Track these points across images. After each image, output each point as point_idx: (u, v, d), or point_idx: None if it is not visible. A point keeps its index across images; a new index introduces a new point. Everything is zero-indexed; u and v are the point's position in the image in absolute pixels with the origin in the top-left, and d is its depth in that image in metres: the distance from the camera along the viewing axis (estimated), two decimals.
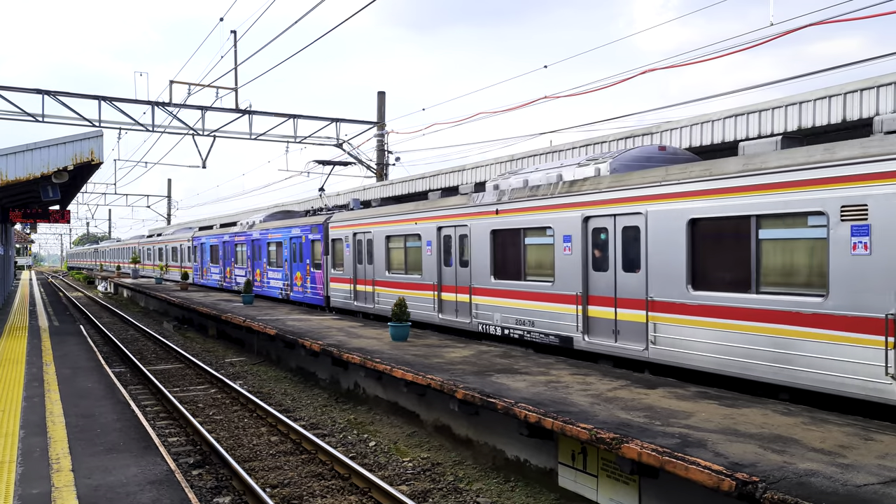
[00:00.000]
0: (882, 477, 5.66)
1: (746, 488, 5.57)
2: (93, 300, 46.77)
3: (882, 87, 10.89)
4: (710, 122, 13.69)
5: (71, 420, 9.22)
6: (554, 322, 12.10)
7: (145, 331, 26.52)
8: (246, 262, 29.15)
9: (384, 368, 11.39)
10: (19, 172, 14.22)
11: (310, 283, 22.64)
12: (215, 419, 12.75)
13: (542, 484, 8.86)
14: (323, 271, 21.63)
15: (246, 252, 28.98)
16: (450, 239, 15.15)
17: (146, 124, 25.88)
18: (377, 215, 18.47)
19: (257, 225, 27.91)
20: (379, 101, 28.86)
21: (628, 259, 10.63)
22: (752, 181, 8.79)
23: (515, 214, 13.11)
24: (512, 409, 8.32)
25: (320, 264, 21.76)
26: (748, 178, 8.83)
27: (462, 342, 13.97)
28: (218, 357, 20.41)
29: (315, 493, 8.75)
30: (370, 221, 18.72)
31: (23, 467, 7.22)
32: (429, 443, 10.95)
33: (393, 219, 17.57)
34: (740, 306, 8.95)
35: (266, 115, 27.31)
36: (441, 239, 15.45)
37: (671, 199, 9.88)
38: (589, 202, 11.35)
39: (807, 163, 8.23)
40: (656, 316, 10.11)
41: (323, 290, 21.69)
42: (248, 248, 28.71)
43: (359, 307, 19.50)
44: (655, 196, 10.11)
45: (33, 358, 14.58)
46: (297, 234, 23.28)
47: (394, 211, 17.69)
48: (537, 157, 17.89)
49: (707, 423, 7.39)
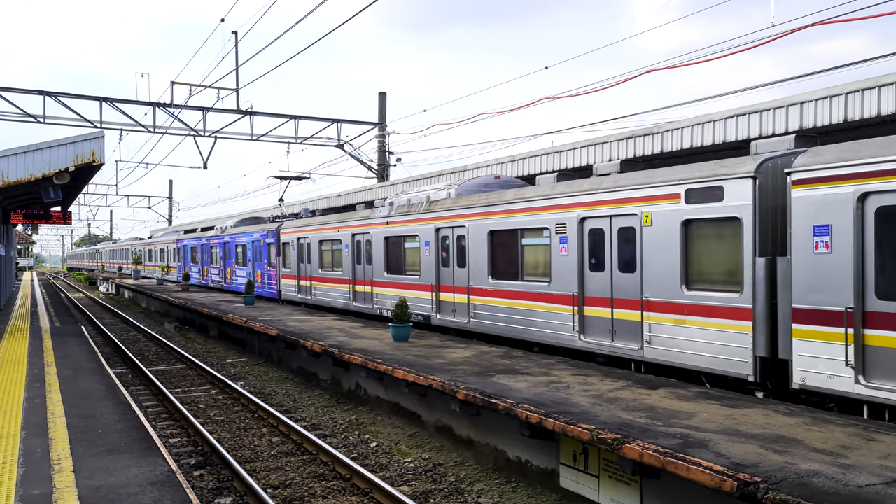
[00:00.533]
0: (884, 477, 5.65)
1: (748, 489, 5.56)
2: (94, 301, 46.82)
3: (884, 87, 10.87)
4: (712, 123, 13.68)
5: (72, 421, 9.23)
6: (419, 305, 16.32)
7: (146, 332, 26.54)
8: (219, 262, 33.18)
9: (385, 369, 11.39)
10: (21, 173, 14.24)
11: (267, 279, 26.72)
12: (216, 420, 12.75)
13: (543, 484, 8.85)
14: (277, 269, 25.80)
15: (219, 253, 33.21)
16: (359, 243, 19.44)
17: (147, 125, 25.91)
18: (314, 224, 22.66)
19: (228, 230, 31.97)
20: (380, 102, 28.87)
21: (461, 257, 15.03)
22: (517, 206, 13.30)
23: (398, 225, 17.50)
24: (513, 409, 8.32)
25: (275, 264, 25.96)
26: (516, 205, 13.34)
27: (463, 343, 13.98)
28: (219, 358, 20.42)
29: (316, 493, 8.75)
30: (309, 229, 22.93)
31: (24, 468, 7.22)
32: (430, 443, 10.94)
33: (324, 227, 21.73)
34: (513, 290, 13.36)
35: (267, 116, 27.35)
36: (355, 242, 19.72)
37: (480, 217, 14.33)
38: (439, 217, 15.73)
39: (542, 195, 12.57)
40: (475, 299, 14.54)
41: (276, 286, 25.81)
42: (220, 249, 32.95)
43: (301, 299, 23.72)
44: (472, 214, 14.59)
45: (35, 359, 14.59)
46: (258, 238, 27.58)
47: (325, 220, 21.90)
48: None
49: (709, 424, 7.38)
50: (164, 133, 26.76)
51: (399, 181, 26.02)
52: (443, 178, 21.92)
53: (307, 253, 22.92)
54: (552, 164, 17.77)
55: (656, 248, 10.25)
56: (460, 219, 14.88)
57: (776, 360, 8.78)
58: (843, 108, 11.39)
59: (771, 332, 8.79)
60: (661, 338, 10.14)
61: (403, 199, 17.78)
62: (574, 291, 11.68)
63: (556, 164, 17.76)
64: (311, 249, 22.51)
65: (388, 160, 28.48)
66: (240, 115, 26.25)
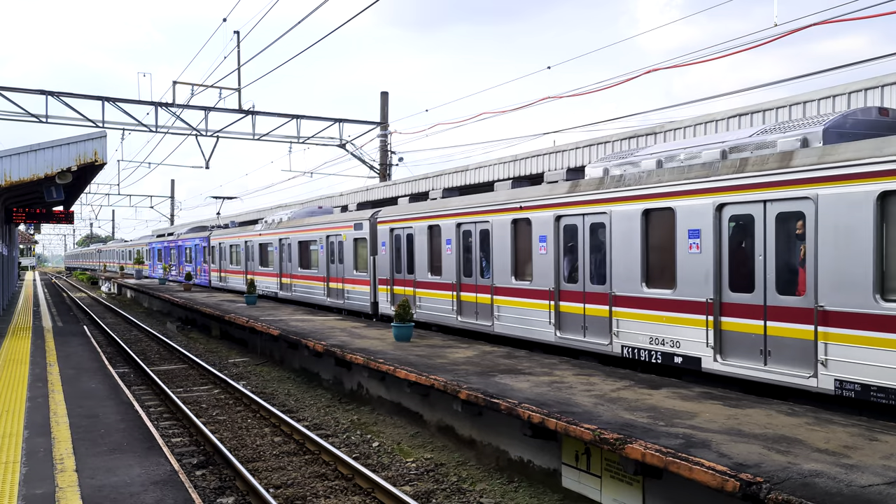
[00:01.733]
0: (887, 478, 5.64)
1: (751, 489, 5.56)
2: (96, 301, 46.86)
3: (886, 87, 10.86)
4: (714, 122, 13.67)
5: (75, 420, 9.24)
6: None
7: (149, 331, 26.56)
8: (174, 260, 43.50)
9: (387, 369, 11.39)
10: (23, 173, 14.25)
11: (203, 274, 36.70)
12: (219, 420, 12.75)
13: (545, 484, 8.84)
14: (209, 266, 35.59)
15: (175, 253, 43.46)
16: (251, 246, 28.73)
17: (150, 125, 25.93)
18: (229, 232, 32.36)
19: (182, 235, 42.53)
20: (382, 102, 28.86)
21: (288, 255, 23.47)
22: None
23: (264, 236, 26.95)
24: (515, 409, 8.32)
25: (208, 261, 35.72)
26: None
27: (465, 343, 13.97)
28: (221, 357, 20.43)
29: (318, 493, 8.75)
30: (227, 235, 32.34)
31: (27, 467, 7.23)
32: (432, 443, 10.94)
33: (234, 234, 31.44)
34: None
35: (269, 116, 27.36)
36: (247, 246, 29.18)
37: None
38: (279, 232, 25.47)
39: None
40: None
41: (208, 278, 35.61)
42: (176, 250, 43.05)
43: (221, 286, 33.46)
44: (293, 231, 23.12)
45: (37, 358, 14.61)
46: (198, 242, 37.72)
47: (234, 231, 31.81)
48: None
49: (711, 424, 7.37)
50: (167, 133, 26.77)
51: (401, 181, 26.02)
52: (353, 195, 29.97)
53: (223, 253, 33.00)
54: (554, 164, 17.77)
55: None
56: (287, 233, 24.49)
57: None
58: (845, 108, 11.36)
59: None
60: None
61: (269, 218, 27.51)
62: (324, 274, 18.45)
63: (557, 164, 17.76)
64: (230, 251, 31.99)
65: (391, 160, 28.47)
66: (242, 114, 26.26)
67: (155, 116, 25.75)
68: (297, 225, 23.47)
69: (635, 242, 10.47)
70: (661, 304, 10.05)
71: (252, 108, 26.26)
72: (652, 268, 10.35)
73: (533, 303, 12.56)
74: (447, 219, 15.04)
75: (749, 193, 8.84)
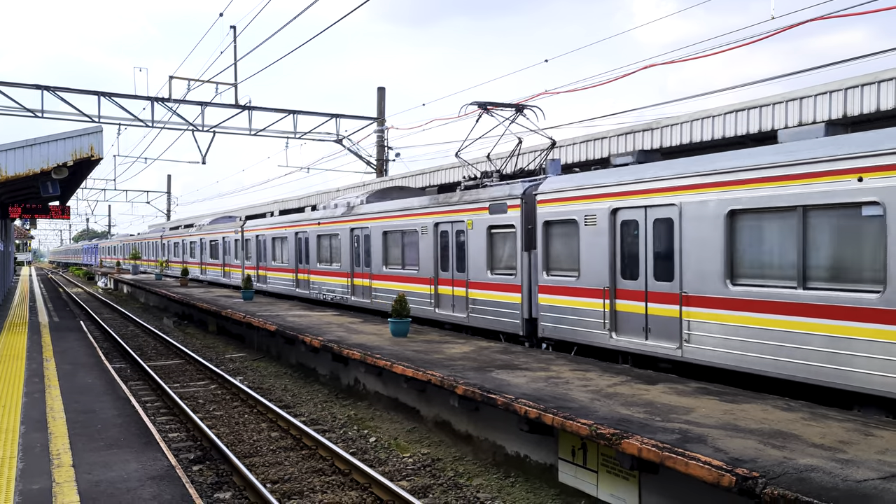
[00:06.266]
0: (882, 472, 5.66)
1: (746, 484, 5.58)
2: (93, 296, 46.77)
3: (883, 83, 10.87)
4: (710, 118, 13.66)
5: (71, 416, 9.23)
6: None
7: (145, 327, 26.53)
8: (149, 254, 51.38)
9: (384, 364, 11.40)
10: (19, 168, 14.19)
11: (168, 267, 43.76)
12: (216, 415, 12.76)
13: (542, 479, 8.87)
14: (179, 259, 41.13)
15: (139, 249, 53.44)
16: (196, 244, 35.64)
17: (146, 120, 25.87)
18: (177, 234, 39.26)
19: (146, 235, 51.83)
20: (379, 97, 28.83)
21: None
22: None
23: (209, 234, 32.59)
24: (512, 404, 8.33)
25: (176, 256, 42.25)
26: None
27: (462, 338, 13.99)
28: (218, 353, 20.42)
29: (315, 488, 8.76)
30: (175, 234, 39.61)
31: (24, 463, 7.23)
32: (429, 438, 10.96)
33: (182, 233, 37.25)
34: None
35: (266, 111, 27.31)
36: (192, 243, 36.57)
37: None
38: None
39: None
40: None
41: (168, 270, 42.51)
42: (149, 245, 51.16)
43: (174, 276, 38.60)
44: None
45: (34, 354, 14.59)
46: (155, 240, 46.96)
47: (182, 231, 37.97)
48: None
49: (707, 419, 7.39)
50: (163, 128, 26.71)
51: (398, 176, 25.98)
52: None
53: (176, 248, 38.60)
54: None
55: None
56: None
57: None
58: (842, 104, 11.38)
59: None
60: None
61: (202, 222, 33.87)
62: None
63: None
64: (180, 246, 37.89)
65: (387, 155, 28.45)
66: (238, 109, 26.20)
67: (151, 111, 25.69)
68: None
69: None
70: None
71: (249, 103, 26.21)
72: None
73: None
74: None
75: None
